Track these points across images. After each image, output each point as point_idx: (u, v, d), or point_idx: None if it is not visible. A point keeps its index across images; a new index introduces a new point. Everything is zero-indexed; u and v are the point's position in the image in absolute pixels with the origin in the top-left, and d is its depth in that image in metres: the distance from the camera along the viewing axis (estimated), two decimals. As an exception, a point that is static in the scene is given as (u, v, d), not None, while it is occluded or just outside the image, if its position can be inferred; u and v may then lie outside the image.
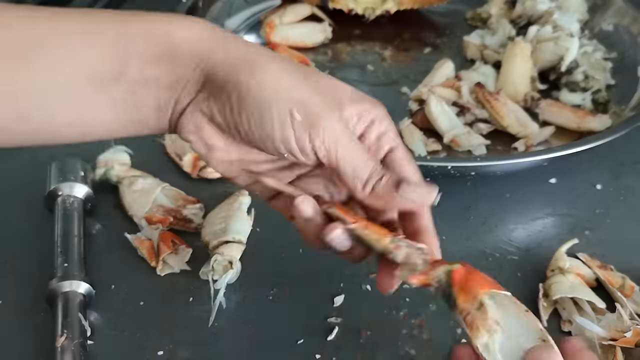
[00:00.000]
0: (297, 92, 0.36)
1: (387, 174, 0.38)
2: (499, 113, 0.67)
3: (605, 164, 0.64)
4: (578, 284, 0.49)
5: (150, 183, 0.59)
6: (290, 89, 0.36)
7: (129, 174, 0.59)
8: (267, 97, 0.36)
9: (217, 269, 0.51)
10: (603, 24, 0.82)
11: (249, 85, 0.36)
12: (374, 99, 0.40)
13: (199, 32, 0.38)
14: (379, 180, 0.37)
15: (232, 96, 0.36)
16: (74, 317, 0.46)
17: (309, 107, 0.36)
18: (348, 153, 0.37)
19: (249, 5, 0.89)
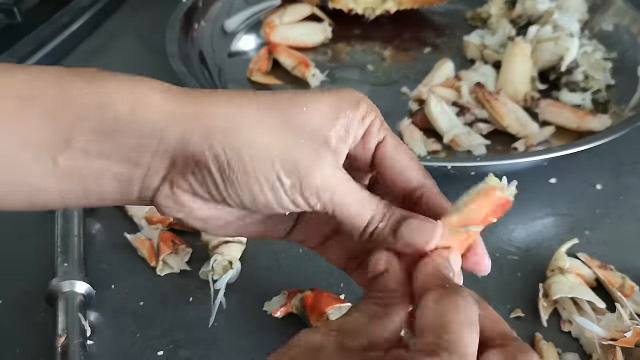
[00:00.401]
0: (278, 151, 0.33)
1: (385, 219, 0.35)
2: (498, 113, 0.67)
3: (605, 164, 0.64)
4: (578, 284, 0.49)
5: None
6: (271, 149, 0.33)
7: (129, 174, 0.59)
8: (250, 167, 0.33)
9: (217, 269, 0.51)
10: (603, 24, 0.82)
11: (228, 158, 0.32)
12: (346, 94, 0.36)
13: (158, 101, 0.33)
14: (376, 228, 0.35)
15: (212, 171, 0.33)
16: (74, 317, 0.46)
17: (295, 165, 0.33)
18: (345, 202, 0.34)
19: (248, 5, 0.89)
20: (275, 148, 0.33)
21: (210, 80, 0.74)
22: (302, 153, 0.33)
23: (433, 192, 0.36)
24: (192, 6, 0.81)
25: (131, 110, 0.32)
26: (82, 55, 0.83)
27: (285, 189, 0.33)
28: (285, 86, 0.77)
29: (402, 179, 0.37)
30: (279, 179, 0.33)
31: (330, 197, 0.34)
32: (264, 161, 0.33)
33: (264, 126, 0.33)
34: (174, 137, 0.33)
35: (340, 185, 0.34)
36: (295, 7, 0.87)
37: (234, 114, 0.33)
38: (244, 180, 0.33)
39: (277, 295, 0.50)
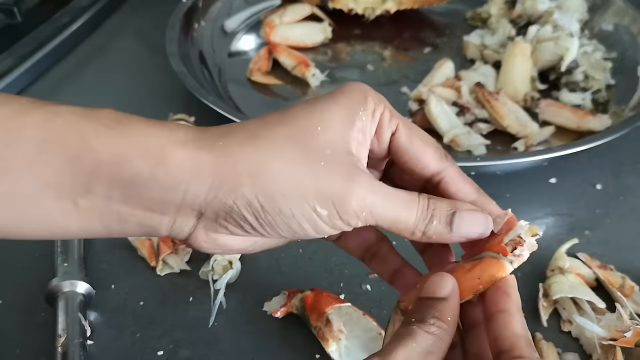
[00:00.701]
0: (309, 185, 0.32)
1: (435, 217, 0.34)
2: (498, 113, 0.67)
3: (605, 164, 0.64)
4: (578, 284, 0.49)
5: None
6: (302, 185, 0.32)
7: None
8: (285, 206, 0.32)
9: (216, 269, 0.51)
10: (603, 24, 0.82)
11: (261, 203, 0.32)
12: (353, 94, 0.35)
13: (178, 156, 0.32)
14: (428, 225, 0.34)
15: (246, 216, 0.33)
16: (74, 317, 0.46)
17: (329, 195, 0.33)
18: (389, 216, 0.34)
19: (248, 5, 0.89)
20: (305, 183, 0.32)
21: (210, 80, 0.74)
22: (331, 182, 0.33)
23: (453, 177, 0.36)
24: (192, 6, 0.81)
25: (150, 167, 0.32)
26: (82, 55, 0.83)
27: (324, 220, 0.33)
28: (285, 86, 0.77)
29: (419, 166, 0.36)
30: (316, 212, 0.33)
31: (369, 213, 0.33)
32: (297, 199, 0.32)
33: (288, 163, 0.33)
34: (200, 194, 0.32)
35: (376, 200, 0.33)
36: (295, 7, 0.87)
37: (255, 156, 0.33)
38: (280, 220, 0.33)
39: (277, 296, 0.50)
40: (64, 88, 0.77)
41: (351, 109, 0.35)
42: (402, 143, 0.36)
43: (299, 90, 0.77)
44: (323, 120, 0.34)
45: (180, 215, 0.33)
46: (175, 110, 0.69)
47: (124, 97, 0.75)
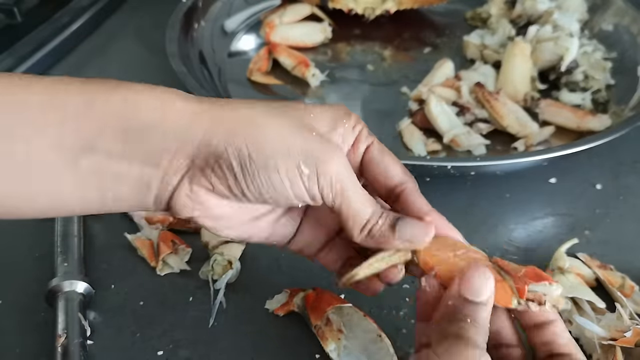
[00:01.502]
0: (297, 143, 0.36)
1: (383, 217, 0.37)
2: (498, 113, 0.67)
3: (605, 164, 0.64)
4: (578, 284, 0.49)
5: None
6: (291, 143, 0.35)
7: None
8: (271, 158, 0.35)
9: (216, 269, 0.51)
10: (603, 24, 0.82)
11: (250, 151, 0.35)
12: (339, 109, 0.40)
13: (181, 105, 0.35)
14: (376, 224, 0.37)
15: (233, 165, 0.35)
16: (74, 317, 0.46)
17: (313, 156, 0.36)
18: (351, 197, 0.37)
19: (248, 5, 0.89)
20: (294, 141, 0.35)
21: (210, 80, 0.74)
22: (318, 146, 0.36)
23: (413, 191, 0.40)
24: (192, 6, 0.81)
25: (157, 113, 0.35)
26: (82, 55, 0.83)
27: (304, 178, 0.36)
28: (285, 86, 0.77)
29: (385, 177, 0.40)
30: (299, 168, 0.35)
31: (341, 189, 0.36)
32: (285, 153, 0.35)
33: (281, 124, 0.36)
34: (196, 137, 0.35)
35: (349, 180, 0.37)
36: (295, 7, 0.87)
37: (251, 113, 0.36)
38: (264, 172, 0.35)
39: (279, 294, 0.50)
40: (64, 88, 0.77)
41: (336, 117, 0.39)
42: (375, 155, 0.40)
43: (299, 90, 0.77)
44: (313, 113, 0.38)
45: (172, 165, 0.35)
46: (175, 110, 0.69)
47: (124, 97, 0.75)
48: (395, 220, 0.37)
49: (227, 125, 0.35)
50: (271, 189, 0.36)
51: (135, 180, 0.35)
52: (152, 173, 0.35)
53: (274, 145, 0.35)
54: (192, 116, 0.35)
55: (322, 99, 0.76)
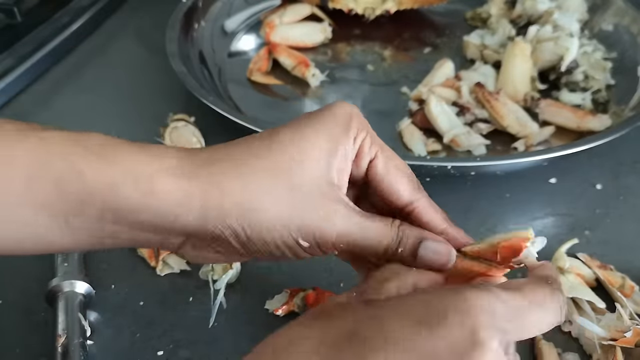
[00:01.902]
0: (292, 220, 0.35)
1: (402, 244, 0.37)
2: (498, 113, 0.67)
3: (605, 164, 0.64)
4: (578, 284, 0.49)
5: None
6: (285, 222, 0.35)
7: (129, 174, 0.59)
8: (269, 238, 0.35)
9: (216, 269, 0.51)
10: (603, 24, 0.82)
11: (248, 235, 0.35)
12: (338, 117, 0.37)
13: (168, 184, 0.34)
14: (396, 250, 0.37)
15: (232, 243, 0.35)
16: (74, 317, 0.46)
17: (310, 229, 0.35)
18: (363, 243, 0.36)
19: (248, 5, 0.89)
20: (289, 218, 0.35)
21: (210, 80, 0.74)
22: (314, 218, 0.35)
23: (424, 207, 0.39)
24: (192, 6, 0.81)
25: (140, 195, 0.33)
26: (82, 55, 0.83)
27: (304, 249, 0.36)
28: (285, 86, 0.77)
29: (393, 196, 0.38)
30: (298, 243, 0.35)
31: (346, 244, 0.36)
32: (282, 231, 0.35)
33: (273, 198, 0.35)
34: (189, 223, 0.34)
35: (354, 233, 0.36)
36: (295, 7, 0.87)
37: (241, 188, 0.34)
38: (264, 248, 0.36)
39: (279, 294, 0.50)
40: (64, 88, 0.77)
41: (335, 135, 0.36)
42: (378, 171, 0.38)
43: (299, 90, 0.77)
44: (307, 151, 0.36)
45: (171, 236, 0.35)
46: (175, 110, 0.69)
47: (124, 97, 0.75)
48: (416, 246, 0.37)
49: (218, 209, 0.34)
50: (273, 255, 0.36)
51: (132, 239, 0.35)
52: (150, 237, 0.35)
53: (269, 224, 0.35)
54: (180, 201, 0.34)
55: (322, 99, 0.76)
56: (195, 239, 0.36)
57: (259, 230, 0.35)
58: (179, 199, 0.34)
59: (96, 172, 0.33)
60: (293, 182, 0.35)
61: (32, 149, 0.33)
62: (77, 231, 0.34)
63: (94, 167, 0.33)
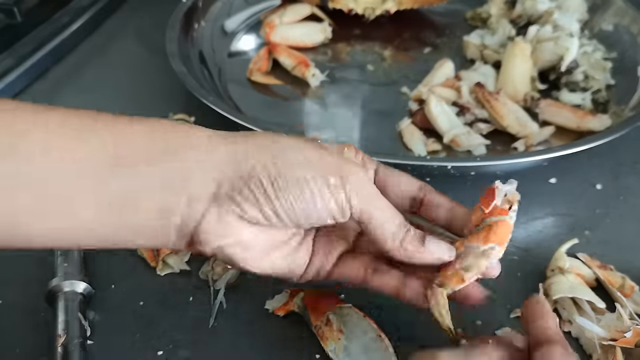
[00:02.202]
0: (322, 158, 0.37)
1: (412, 229, 0.39)
2: (498, 113, 0.67)
3: (605, 164, 0.64)
4: (578, 284, 0.49)
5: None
6: (316, 158, 0.37)
7: (129, 174, 0.59)
8: (300, 173, 0.36)
9: (216, 269, 0.51)
10: (603, 24, 0.82)
11: (279, 167, 0.35)
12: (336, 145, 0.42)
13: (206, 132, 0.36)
14: (406, 233, 0.39)
15: (263, 182, 0.35)
16: (74, 317, 0.46)
17: (338, 169, 0.37)
18: (380, 208, 0.38)
19: (248, 5, 0.89)
20: (318, 157, 0.37)
21: (210, 80, 0.74)
22: (342, 161, 0.38)
23: (433, 192, 0.43)
24: (192, 6, 0.81)
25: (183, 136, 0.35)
26: (82, 55, 0.83)
27: (331, 188, 0.36)
28: (285, 86, 0.77)
29: (405, 187, 0.43)
30: (326, 179, 0.36)
31: (368, 197, 0.38)
32: (311, 167, 0.36)
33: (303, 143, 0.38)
34: (221, 159, 0.35)
35: (374, 191, 0.38)
36: (295, 7, 0.87)
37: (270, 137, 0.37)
38: (295, 186, 0.36)
39: (279, 294, 0.50)
40: (64, 88, 0.77)
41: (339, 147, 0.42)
42: (386, 173, 0.43)
43: (299, 90, 0.77)
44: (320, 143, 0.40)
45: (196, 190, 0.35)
46: (175, 110, 0.69)
47: (124, 97, 0.75)
48: (424, 235, 0.40)
49: (250, 146, 0.36)
50: (302, 203, 0.36)
51: (157, 207, 0.35)
52: (176, 199, 0.35)
53: (300, 160, 0.36)
54: (213, 141, 0.36)
55: (322, 99, 0.76)
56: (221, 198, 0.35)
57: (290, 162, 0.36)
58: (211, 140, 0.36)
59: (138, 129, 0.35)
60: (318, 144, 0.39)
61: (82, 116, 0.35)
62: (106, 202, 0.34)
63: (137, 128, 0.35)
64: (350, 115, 0.73)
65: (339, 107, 0.74)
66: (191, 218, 0.35)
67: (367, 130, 0.70)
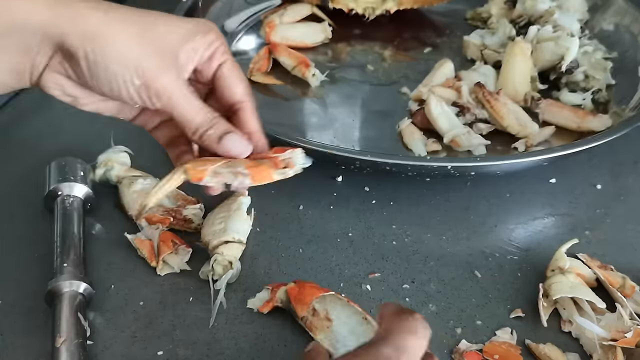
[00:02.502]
0: (134, 56, 0.42)
1: (213, 128, 0.44)
2: (499, 113, 0.67)
3: (605, 164, 0.64)
4: (578, 284, 0.49)
5: (150, 183, 0.59)
6: (130, 57, 0.42)
7: (129, 174, 0.59)
8: (111, 67, 0.41)
9: (217, 269, 0.51)
10: (603, 24, 0.82)
11: (96, 58, 0.41)
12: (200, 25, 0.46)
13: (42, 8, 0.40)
14: (206, 131, 0.44)
15: (81, 64, 0.41)
16: (74, 317, 0.46)
17: (144, 71, 0.42)
18: (180, 108, 0.44)
19: (248, 5, 0.89)
20: (132, 55, 0.42)
21: (210, 80, 0.74)
22: (151, 62, 0.42)
23: (248, 110, 0.48)
24: (192, 6, 0.81)
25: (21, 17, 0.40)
26: (82, 55, 0.83)
27: (135, 87, 0.42)
28: (285, 86, 0.77)
29: (229, 92, 0.47)
30: (131, 79, 0.42)
31: (168, 100, 0.43)
32: (122, 63, 0.41)
33: (126, 35, 0.42)
34: (55, 37, 0.40)
35: (177, 92, 0.43)
36: (295, 7, 0.87)
37: (103, 21, 0.41)
38: (104, 76, 0.42)
39: (260, 292, 0.50)
40: (64, 88, 0.77)
41: (193, 32, 0.45)
42: (224, 72, 0.47)
43: (299, 90, 0.77)
44: (169, 25, 0.44)
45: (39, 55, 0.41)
46: (175, 110, 0.69)
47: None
48: (224, 133, 0.45)
49: (80, 29, 0.41)
50: (110, 90, 0.42)
51: (11, 67, 0.41)
52: (23, 61, 0.41)
53: (113, 55, 0.41)
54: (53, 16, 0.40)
55: (322, 99, 0.76)
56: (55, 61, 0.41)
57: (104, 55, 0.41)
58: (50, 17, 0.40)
59: None
60: (146, 33, 0.43)
61: None
62: None
63: None
64: (350, 115, 0.72)
65: (339, 107, 0.74)
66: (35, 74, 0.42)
67: (367, 130, 0.70)
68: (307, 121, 0.73)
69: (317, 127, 0.71)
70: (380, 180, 0.62)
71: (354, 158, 0.57)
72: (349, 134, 0.69)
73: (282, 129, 0.59)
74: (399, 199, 0.60)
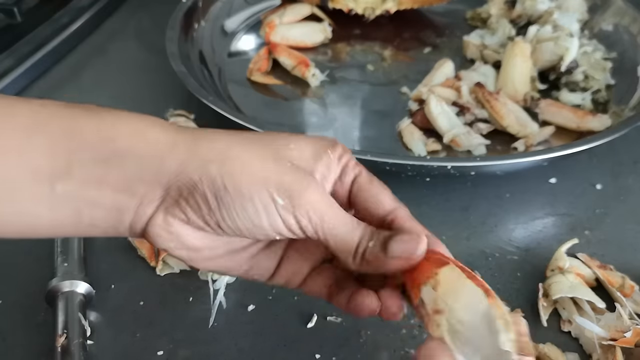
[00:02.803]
0: (271, 175, 0.35)
1: (374, 239, 0.36)
2: (498, 113, 0.67)
3: (605, 164, 0.64)
4: (578, 284, 0.49)
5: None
6: (265, 175, 0.35)
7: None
8: (245, 189, 0.34)
9: (217, 269, 0.51)
10: (603, 24, 0.82)
11: (224, 181, 0.34)
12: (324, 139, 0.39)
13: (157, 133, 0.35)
14: (367, 247, 0.36)
15: (207, 195, 0.34)
16: (74, 317, 0.46)
17: (288, 187, 0.35)
18: (334, 226, 0.36)
19: (248, 5, 0.89)
20: (268, 172, 0.35)
21: (210, 80, 0.74)
22: (293, 177, 0.35)
23: (405, 217, 0.38)
24: (192, 6, 0.81)
25: (132, 141, 0.35)
26: (82, 55, 0.83)
27: (278, 209, 0.35)
28: (285, 86, 0.77)
29: (376, 205, 0.39)
30: (273, 198, 0.35)
31: (320, 217, 0.35)
32: (258, 183, 0.35)
33: (256, 155, 0.36)
34: (171, 168, 0.35)
35: (329, 208, 0.36)
36: (295, 7, 0.87)
37: (227, 146, 0.36)
38: (239, 203, 0.34)
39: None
40: (64, 88, 0.77)
41: (320, 147, 0.38)
42: (363, 184, 0.39)
43: (299, 90, 0.77)
44: (293, 143, 0.37)
45: (147, 195, 0.35)
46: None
47: (124, 97, 0.75)
48: (387, 239, 0.36)
49: (202, 156, 0.35)
50: (247, 221, 0.35)
51: (110, 207, 0.35)
52: (127, 201, 0.35)
53: (248, 176, 0.35)
54: (168, 146, 0.35)
55: (322, 99, 0.76)
56: (169, 201, 0.35)
57: (235, 178, 0.34)
58: (166, 144, 0.35)
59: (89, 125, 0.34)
60: (279, 154, 0.36)
61: (31, 111, 0.34)
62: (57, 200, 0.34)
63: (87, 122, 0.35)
64: (350, 115, 0.73)
65: (339, 107, 0.74)
66: (140, 220, 0.36)
67: (367, 130, 0.70)
68: (307, 121, 0.73)
69: (317, 127, 0.71)
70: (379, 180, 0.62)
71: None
72: (349, 133, 0.69)
73: (282, 129, 0.59)
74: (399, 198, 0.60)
